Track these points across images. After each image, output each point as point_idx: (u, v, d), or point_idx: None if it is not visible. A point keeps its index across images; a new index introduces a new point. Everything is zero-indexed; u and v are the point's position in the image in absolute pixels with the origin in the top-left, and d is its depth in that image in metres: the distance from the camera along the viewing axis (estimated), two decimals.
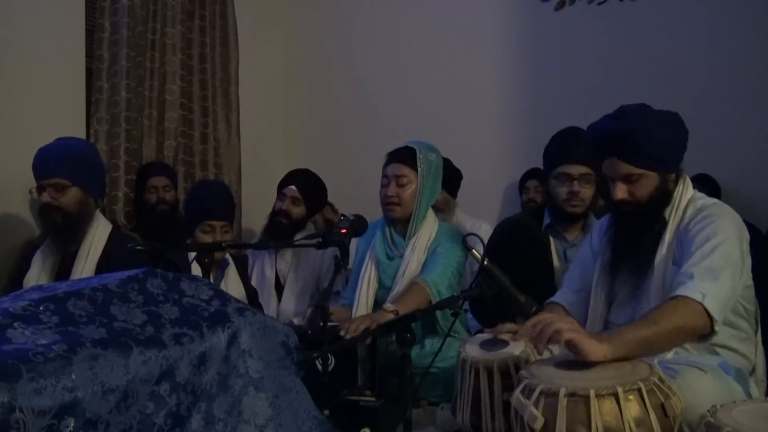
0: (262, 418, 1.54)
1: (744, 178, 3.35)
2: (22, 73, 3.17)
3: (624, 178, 1.80)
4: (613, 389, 1.35)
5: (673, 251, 1.80)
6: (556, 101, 3.77)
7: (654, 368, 1.45)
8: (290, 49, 4.89)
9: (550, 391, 1.39)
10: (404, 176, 2.58)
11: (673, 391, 1.42)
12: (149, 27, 3.80)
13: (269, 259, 3.27)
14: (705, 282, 1.61)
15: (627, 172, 1.79)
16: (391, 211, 2.61)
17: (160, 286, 1.58)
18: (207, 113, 4.09)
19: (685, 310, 1.58)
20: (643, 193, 1.80)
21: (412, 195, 2.59)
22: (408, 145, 2.63)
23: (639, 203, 1.81)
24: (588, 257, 2.09)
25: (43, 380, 1.19)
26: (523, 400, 1.42)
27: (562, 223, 2.57)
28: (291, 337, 1.70)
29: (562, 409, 1.35)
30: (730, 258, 1.67)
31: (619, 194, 1.81)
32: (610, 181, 1.85)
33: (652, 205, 1.82)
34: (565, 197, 2.49)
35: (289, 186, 3.22)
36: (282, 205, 3.20)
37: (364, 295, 2.64)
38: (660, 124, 1.80)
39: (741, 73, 3.37)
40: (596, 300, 1.95)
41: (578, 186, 2.47)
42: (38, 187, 2.51)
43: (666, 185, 1.82)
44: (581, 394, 1.35)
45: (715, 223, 1.73)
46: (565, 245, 2.58)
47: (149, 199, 3.46)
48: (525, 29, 4.00)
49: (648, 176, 1.79)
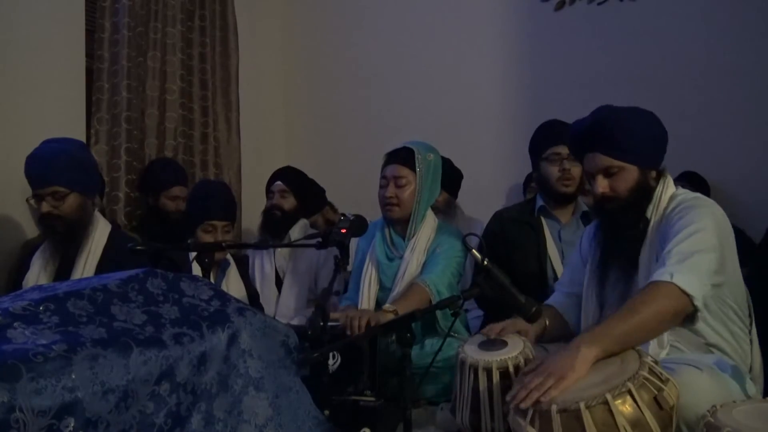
0: (262, 418, 1.54)
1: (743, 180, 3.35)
2: (22, 73, 3.17)
3: (604, 172, 1.83)
4: (603, 398, 1.35)
5: (656, 248, 1.80)
6: (556, 101, 3.76)
7: (643, 357, 1.46)
8: (290, 49, 4.89)
9: (543, 409, 1.40)
10: (403, 177, 2.57)
11: (666, 378, 1.42)
12: (149, 27, 3.80)
13: (268, 256, 3.31)
14: (675, 265, 1.62)
15: (606, 165, 1.82)
16: (390, 212, 2.61)
17: (160, 286, 1.58)
18: (207, 113, 4.09)
19: (659, 294, 1.59)
20: (623, 188, 1.82)
21: (411, 195, 2.59)
22: (406, 146, 2.63)
23: (620, 198, 1.82)
24: (577, 262, 2.11)
25: (43, 380, 1.19)
26: (520, 420, 1.43)
27: (554, 205, 2.65)
28: (291, 337, 1.70)
29: (557, 425, 1.36)
30: (704, 242, 1.67)
31: (600, 188, 1.83)
32: (590, 178, 1.88)
33: (633, 200, 1.83)
34: (558, 175, 2.58)
35: (275, 182, 3.34)
36: (272, 201, 3.30)
37: (365, 296, 2.64)
38: (636, 119, 1.84)
39: (741, 74, 3.37)
40: (588, 305, 1.96)
41: (568, 164, 2.56)
42: (35, 195, 2.46)
43: (646, 181, 1.84)
44: (572, 409, 1.36)
45: (693, 212, 1.74)
46: (558, 227, 2.65)
47: (166, 206, 3.40)
48: (525, 29, 4.00)
49: (627, 169, 1.81)
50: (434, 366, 2.05)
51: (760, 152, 3.32)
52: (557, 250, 2.60)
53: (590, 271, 1.97)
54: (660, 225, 1.81)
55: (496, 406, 1.67)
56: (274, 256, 3.30)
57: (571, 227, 2.65)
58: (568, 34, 3.85)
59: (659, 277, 1.61)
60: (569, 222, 2.66)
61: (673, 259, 1.64)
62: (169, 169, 3.54)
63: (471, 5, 4.18)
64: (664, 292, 1.59)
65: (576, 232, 2.62)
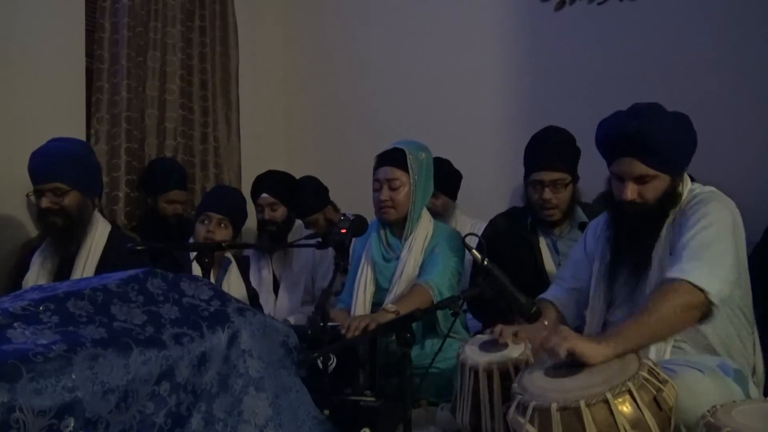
0: (262, 417, 1.54)
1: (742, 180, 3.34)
2: (21, 73, 3.16)
3: (637, 179, 1.78)
4: (603, 396, 1.35)
5: (669, 242, 1.79)
6: (556, 101, 3.76)
7: (642, 359, 1.46)
8: (290, 49, 4.89)
9: (543, 407, 1.39)
10: (396, 179, 2.56)
11: (665, 379, 1.42)
12: (149, 27, 3.80)
13: (265, 262, 3.30)
14: (691, 261, 1.61)
15: (642, 173, 1.77)
16: (386, 215, 2.61)
17: (160, 286, 1.59)
18: (207, 113, 4.09)
19: (674, 292, 1.58)
20: (652, 195, 1.78)
21: (406, 197, 2.57)
22: (397, 147, 2.61)
23: (646, 204, 1.79)
24: (581, 257, 2.08)
25: (43, 380, 1.19)
26: (519, 418, 1.43)
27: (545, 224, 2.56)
28: (291, 337, 1.70)
29: (557, 423, 1.36)
30: (719, 236, 1.66)
31: (630, 195, 1.78)
32: (618, 180, 1.83)
33: (658, 207, 1.80)
34: (539, 204, 2.49)
35: (261, 195, 3.25)
36: (264, 216, 3.24)
37: (361, 297, 2.63)
38: (676, 127, 1.79)
39: (741, 74, 3.37)
40: (595, 302, 1.94)
41: (550, 193, 2.45)
42: (36, 191, 2.49)
43: (675, 188, 1.80)
44: (573, 407, 1.36)
45: (706, 206, 1.73)
46: (554, 238, 2.58)
47: (164, 209, 3.37)
48: (525, 29, 4.00)
49: (660, 178, 1.77)
50: (434, 366, 2.05)
51: (760, 152, 3.32)
52: (554, 264, 2.51)
53: (599, 269, 1.95)
54: (676, 220, 1.80)
55: (497, 406, 1.67)
56: (271, 262, 3.30)
57: (568, 237, 2.56)
58: (568, 34, 3.85)
59: (674, 274, 1.59)
60: (565, 232, 2.57)
61: (689, 257, 1.62)
62: (169, 171, 3.49)
63: (471, 5, 4.17)
64: (682, 289, 1.57)
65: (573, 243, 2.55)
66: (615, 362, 1.48)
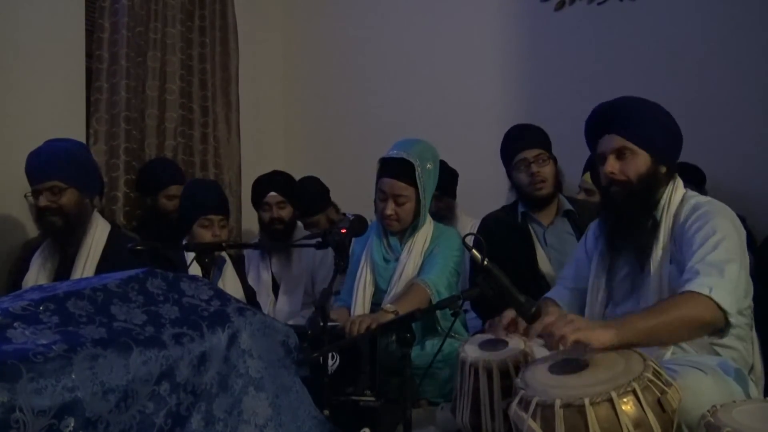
0: (262, 418, 1.54)
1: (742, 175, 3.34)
2: (21, 73, 3.17)
3: (616, 152, 1.84)
4: (608, 395, 1.35)
5: (669, 250, 1.80)
6: (556, 101, 3.76)
7: (647, 360, 1.45)
8: (290, 49, 4.89)
9: (546, 403, 1.39)
10: (403, 195, 2.51)
11: (669, 382, 1.42)
12: (149, 27, 3.80)
13: (264, 263, 3.29)
14: (712, 277, 1.61)
15: (619, 145, 1.84)
16: (390, 227, 2.60)
17: (160, 286, 1.58)
18: (207, 113, 4.09)
19: (694, 303, 1.57)
20: (633, 172, 1.83)
21: (411, 210, 2.55)
22: (404, 158, 2.50)
23: (628, 182, 1.83)
24: (582, 257, 2.10)
25: (43, 380, 1.19)
26: (521, 413, 1.42)
27: (535, 209, 2.66)
28: (291, 337, 1.70)
29: (560, 420, 1.35)
30: (733, 252, 1.67)
31: (609, 167, 1.84)
32: (602, 160, 1.89)
33: (640, 188, 1.83)
34: (528, 180, 2.61)
35: (269, 194, 3.24)
36: (271, 214, 3.22)
37: (360, 297, 2.63)
38: (655, 110, 1.88)
39: (741, 73, 3.37)
40: (593, 299, 1.95)
41: (536, 167, 2.59)
42: (33, 191, 2.50)
43: (656, 173, 1.84)
44: (576, 404, 1.35)
45: (714, 220, 1.73)
46: (542, 230, 2.66)
47: (165, 205, 3.38)
48: (525, 29, 4.00)
49: (639, 155, 1.83)
50: (434, 366, 2.05)
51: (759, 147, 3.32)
52: (544, 254, 2.60)
53: (596, 262, 1.97)
54: (674, 227, 1.81)
55: (497, 405, 1.67)
56: (270, 263, 3.29)
57: (555, 228, 2.65)
58: (568, 34, 3.85)
59: (697, 289, 1.59)
60: (552, 223, 2.66)
61: (708, 271, 1.62)
62: (167, 168, 3.52)
63: (471, 5, 4.17)
64: (702, 303, 1.57)
65: (561, 234, 2.62)
66: (620, 362, 1.47)
